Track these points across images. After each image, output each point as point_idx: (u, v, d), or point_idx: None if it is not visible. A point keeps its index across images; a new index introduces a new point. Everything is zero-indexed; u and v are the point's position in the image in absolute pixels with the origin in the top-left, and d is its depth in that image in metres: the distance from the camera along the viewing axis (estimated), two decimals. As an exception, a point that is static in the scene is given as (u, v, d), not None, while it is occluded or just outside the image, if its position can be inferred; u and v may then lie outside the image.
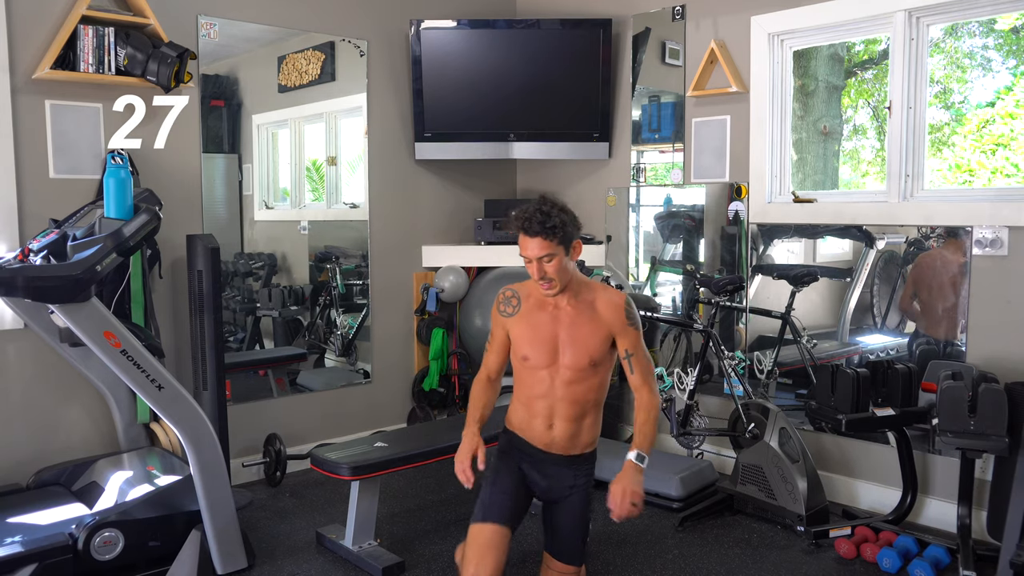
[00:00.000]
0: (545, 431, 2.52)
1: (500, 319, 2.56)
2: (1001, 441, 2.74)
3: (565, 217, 2.38)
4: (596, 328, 2.45)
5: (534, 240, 2.34)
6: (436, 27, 4.37)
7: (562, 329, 2.46)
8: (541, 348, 2.47)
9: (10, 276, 2.39)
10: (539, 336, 2.47)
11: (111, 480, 3.08)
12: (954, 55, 3.51)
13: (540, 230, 2.33)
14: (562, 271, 2.40)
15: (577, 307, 2.46)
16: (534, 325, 2.48)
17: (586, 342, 2.44)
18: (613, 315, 2.45)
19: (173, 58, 3.35)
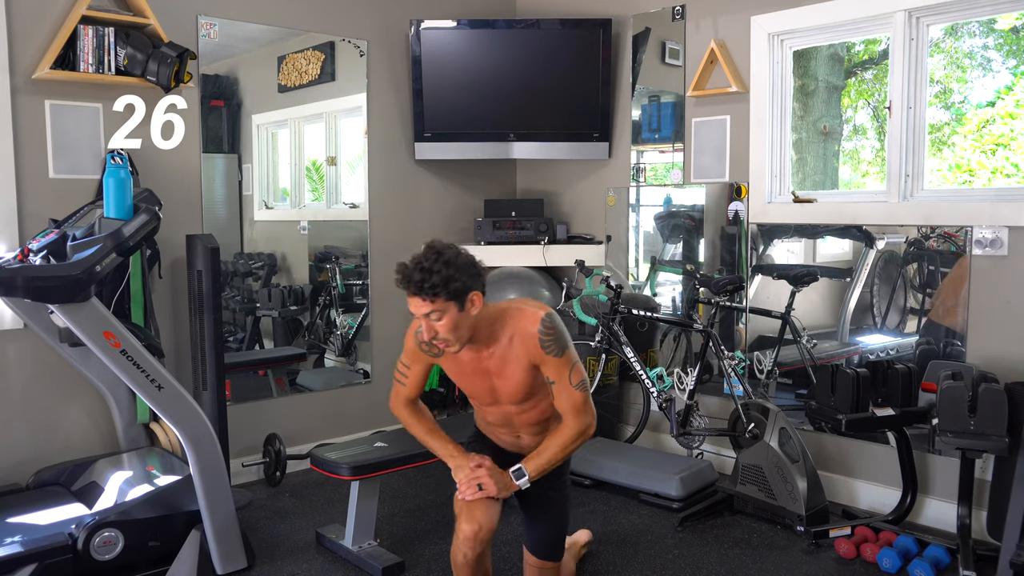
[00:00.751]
0: (513, 441, 2.49)
1: (423, 356, 2.37)
2: (1001, 441, 2.74)
3: (450, 271, 2.10)
4: (519, 364, 2.26)
5: (415, 299, 2.12)
6: (436, 27, 4.37)
7: (492, 372, 2.31)
8: (478, 388, 2.35)
9: (10, 276, 2.39)
10: (472, 381, 2.34)
11: (111, 480, 3.08)
12: (954, 55, 3.51)
13: (417, 290, 2.10)
14: (457, 328, 2.16)
15: (498, 347, 2.27)
16: (463, 369, 2.33)
17: (516, 378, 2.28)
18: (529, 347, 2.24)
19: (173, 58, 3.36)
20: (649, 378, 3.82)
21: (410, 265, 2.13)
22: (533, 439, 2.44)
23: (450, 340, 2.18)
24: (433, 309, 2.11)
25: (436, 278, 2.08)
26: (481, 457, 2.36)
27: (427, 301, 2.10)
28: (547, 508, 2.48)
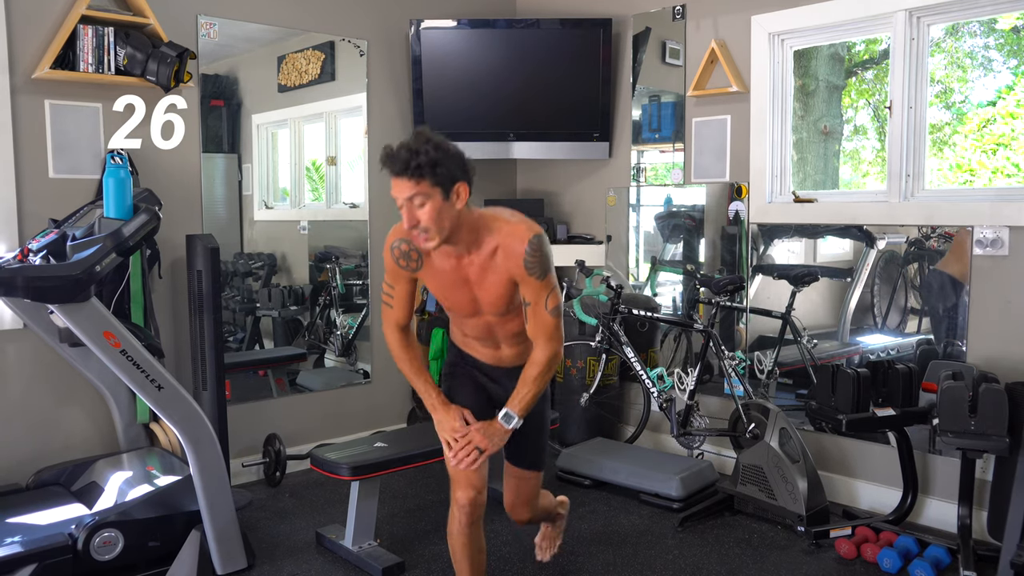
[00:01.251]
0: (492, 352, 2.39)
1: (403, 273, 2.28)
2: (1001, 441, 2.74)
3: (439, 155, 2.01)
4: (500, 277, 2.17)
5: (400, 181, 2.02)
6: (436, 27, 4.37)
7: (472, 281, 2.21)
8: (458, 299, 2.27)
9: (10, 276, 2.39)
10: (453, 291, 2.25)
11: (111, 480, 3.08)
12: (955, 55, 3.50)
13: (402, 168, 2.00)
14: (440, 219, 2.05)
15: (480, 255, 2.17)
16: (444, 281, 2.24)
17: (497, 291, 2.20)
18: (511, 264, 2.15)
19: (173, 58, 3.35)
20: (649, 378, 3.82)
21: (397, 145, 2.04)
22: (512, 349, 2.37)
23: (430, 231, 2.06)
24: (417, 192, 2.02)
25: (423, 158, 1.99)
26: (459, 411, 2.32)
27: (411, 182, 2.01)
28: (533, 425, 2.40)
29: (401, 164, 2.01)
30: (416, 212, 2.05)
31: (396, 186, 2.04)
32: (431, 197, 2.03)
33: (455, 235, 2.13)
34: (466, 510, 2.30)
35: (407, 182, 2.02)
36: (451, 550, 2.42)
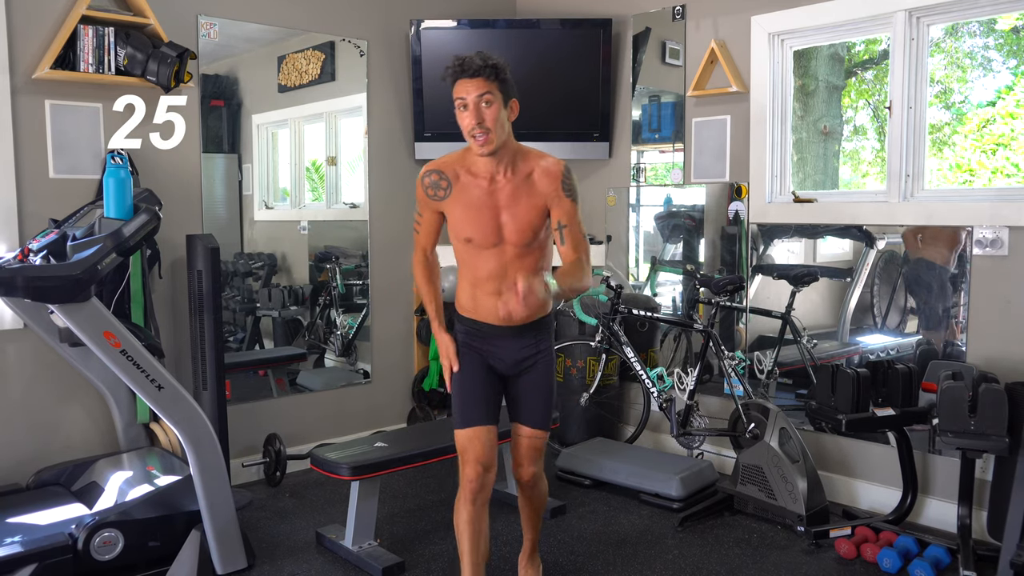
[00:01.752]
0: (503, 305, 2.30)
1: (430, 203, 2.39)
2: (1001, 441, 2.74)
3: (505, 66, 2.26)
4: (534, 200, 2.30)
5: (473, 81, 2.20)
6: (436, 27, 4.37)
7: (501, 205, 2.30)
8: (483, 228, 2.32)
9: (10, 276, 2.39)
10: (479, 216, 2.31)
11: (111, 480, 3.08)
12: (954, 55, 3.51)
13: (479, 68, 2.20)
14: (499, 124, 2.23)
15: (513, 179, 2.30)
16: (471, 205, 2.32)
17: (527, 216, 2.30)
18: (549, 184, 2.29)
19: (173, 58, 3.35)
20: (649, 378, 3.82)
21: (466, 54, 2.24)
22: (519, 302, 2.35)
23: (491, 132, 2.22)
24: (487, 90, 2.20)
25: (496, 63, 2.22)
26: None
27: (484, 81, 2.20)
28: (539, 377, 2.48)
29: (477, 66, 2.21)
30: (483, 111, 2.22)
31: (465, 87, 2.21)
32: (495, 101, 2.23)
33: (502, 148, 2.28)
34: (473, 485, 2.37)
35: (480, 81, 2.21)
36: (456, 531, 2.44)
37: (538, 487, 2.61)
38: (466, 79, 2.21)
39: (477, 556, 2.44)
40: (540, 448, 2.54)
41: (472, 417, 2.43)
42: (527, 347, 2.47)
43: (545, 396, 2.51)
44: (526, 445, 2.52)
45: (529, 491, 2.61)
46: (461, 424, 2.44)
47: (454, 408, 2.48)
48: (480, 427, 2.42)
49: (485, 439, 2.41)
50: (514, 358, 2.47)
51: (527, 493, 2.62)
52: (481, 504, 2.43)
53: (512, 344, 2.46)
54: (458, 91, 2.23)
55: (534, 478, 2.57)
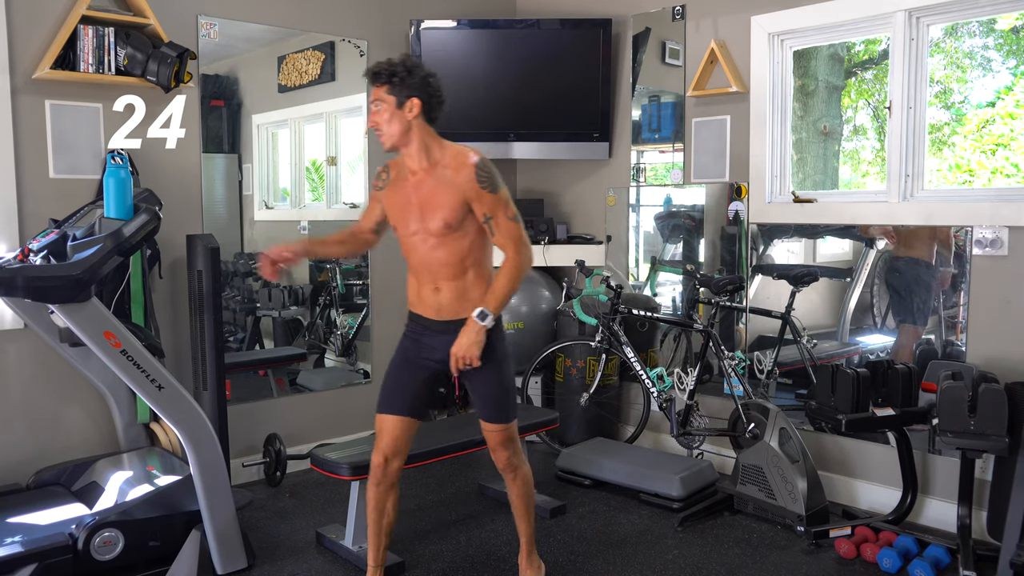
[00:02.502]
0: (433, 296, 2.54)
1: (375, 194, 2.65)
2: (1001, 441, 2.74)
3: (402, 72, 2.39)
4: (448, 193, 2.43)
5: (374, 88, 2.43)
6: (436, 27, 4.37)
7: (419, 196, 2.47)
8: (404, 216, 2.51)
9: (10, 276, 2.39)
10: (401, 205, 2.51)
11: (111, 480, 3.08)
12: (954, 55, 3.51)
13: (374, 76, 2.42)
14: (391, 124, 2.41)
15: (433, 173, 2.46)
16: (398, 195, 2.53)
17: (439, 206, 2.43)
18: (464, 179, 2.41)
19: (173, 58, 3.35)
20: (649, 378, 3.82)
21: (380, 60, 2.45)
22: (450, 291, 2.51)
23: (382, 132, 2.43)
24: (376, 98, 2.42)
25: (385, 69, 2.40)
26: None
27: (377, 88, 2.41)
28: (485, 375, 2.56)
29: (371, 72, 2.43)
30: (376, 114, 2.44)
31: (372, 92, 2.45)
32: (386, 103, 2.41)
33: (406, 145, 2.46)
34: (377, 472, 2.62)
35: (376, 88, 2.43)
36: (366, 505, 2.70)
37: (517, 473, 2.68)
38: (373, 86, 2.45)
39: (379, 529, 2.70)
40: (505, 439, 2.64)
41: (387, 404, 2.61)
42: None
43: (493, 395, 2.59)
44: (488, 437, 2.65)
45: (509, 477, 2.70)
46: (378, 408, 2.64)
47: (381, 389, 2.66)
48: (392, 416, 2.60)
49: (393, 429, 2.59)
50: (445, 355, 2.53)
51: (507, 478, 2.71)
52: (385, 488, 2.65)
53: (443, 340, 2.54)
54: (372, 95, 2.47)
55: (508, 463, 2.66)
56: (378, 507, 2.67)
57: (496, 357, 2.56)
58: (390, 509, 2.70)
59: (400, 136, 2.43)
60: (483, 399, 2.61)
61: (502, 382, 2.60)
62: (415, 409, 2.63)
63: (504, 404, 2.61)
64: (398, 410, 2.60)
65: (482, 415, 2.63)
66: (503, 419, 2.61)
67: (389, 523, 2.72)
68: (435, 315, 2.54)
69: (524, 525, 2.76)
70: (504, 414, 2.61)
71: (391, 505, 2.69)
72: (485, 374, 2.55)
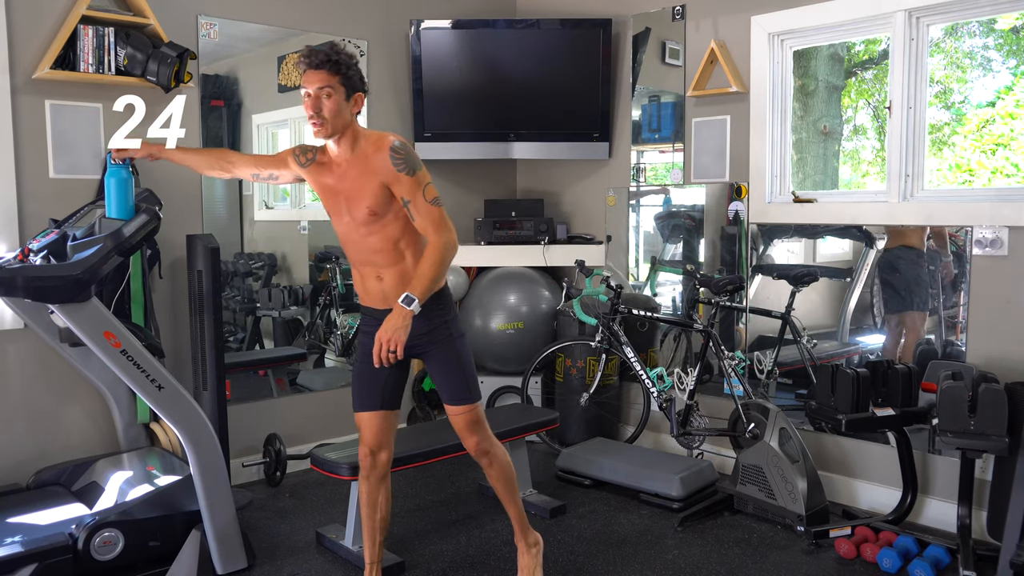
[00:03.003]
0: (377, 285, 2.52)
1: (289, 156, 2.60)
2: (1001, 441, 2.74)
3: (351, 61, 2.38)
4: (369, 179, 2.40)
5: (317, 73, 2.33)
6: (436, 27, 4.37)
7: (342, 184, 2.46)
8: (334, 206, 2.50)
9: (10, 276, 2.39)
10: (330, 194, 2.50)
11: (111, 480, 3.08)
12: (954, 55, 3.51)
13: (322, 61, 2.33)
14: (337, 115, 2.36)
15: (353, 161, 2.44)
16: (324, 185, 2.51)
17: (361, 193, 2.41)
18: (381, 162, 2.38)
19: (173, 58, 3.36)
20: (649, 378, 3.82)
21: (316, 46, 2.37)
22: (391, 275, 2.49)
23: (326, 122, 2.35)
24: (327, 84, 2.33)
25: (341, 58, 2.35)
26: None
27: (327, 75, 2.32)
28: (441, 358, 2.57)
29: (321, 58, 2.33)
30: (322, 102, 2.34)
31: (310, 77, 2.34)
32: (336, 93, 2.35)
33: (342, 137, 2.42)
34: (365, 465, 2.65)
35: (323, 74, 2.33)
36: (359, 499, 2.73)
37: (492, 457, 2.66)
38: (311, 70, 2.34)
39: (373, 524, 2.71)
40: (470, 421, 2.61)
41: (361, 402, 2.63)
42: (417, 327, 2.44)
43: (452, 374, 2.58)
44: (454, 422, 2.64)
45: (484, 462, 2.68)
46: (354, 407, 2.65)
47: (352, 388, 2.66)
48: (367, 412, 2.61)
49: (371, 424, 2.62)
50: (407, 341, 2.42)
51: (482, 464, 2.70)
52: (375, 480, 2.67)
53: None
54: (303, 81, 2.36)
55: (479, 448, 2.64)
56: (370, 500, 2.68)
57: (450, 335, 2.56)
58: (382, 502, 2.70)
59: (342, 128, 2.40)
60: (444, 379, 2.59)
61: (460, 360, 2.58)
62: (388, 400, 2.63)
63: (465, 383, 2.59)
64: (371, 406, 2.61)
65: (445, 397, 2.61)
66: (466, 399, 2.58)
67: (383, 518, 2.72)
68: (383, 304, 2.51)
69: (512, 507, 2.76)
70: (467, 394, 2.59)
71: (383, 498, 2.70)
72: (441, 354, 2.56)
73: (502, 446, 2.73)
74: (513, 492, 2.74)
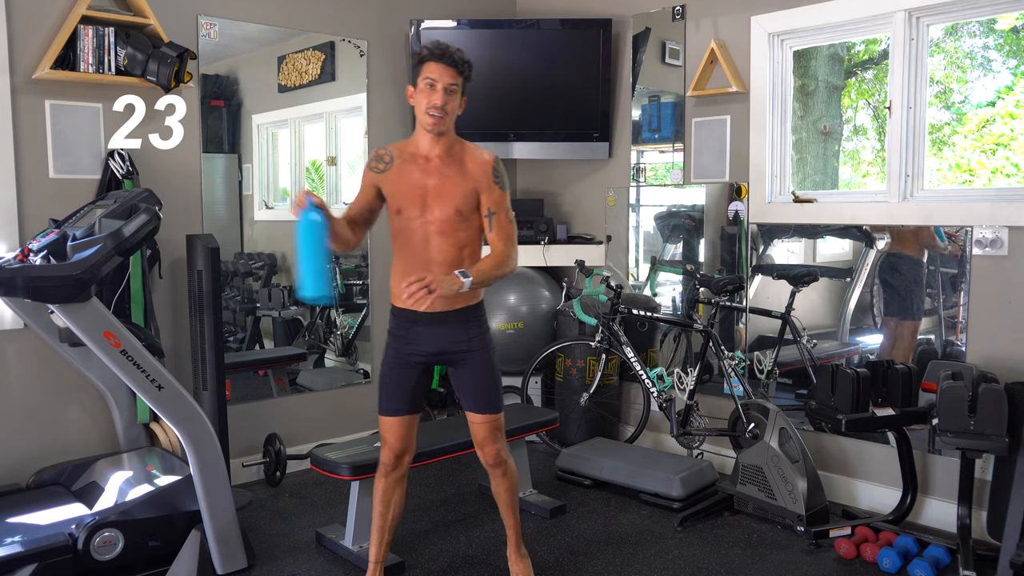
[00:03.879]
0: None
1: (371, 175, 2.60)
2: (1001, 441, 2.74)
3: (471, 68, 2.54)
4: (462, 182, 2.51)
5: (449, 69, 2.45)
6: (436, 27, 4.37)
7: (431, 181, 2.52)
8: (412, 198, 2.52)
9: (10, 276, 2.39)
10: (410, 188, 2.52)
11: (111, 480, 3.08)
12: (954, 55, 3.51)
13: (457, 60, 2.46)
14: (454, 112, 2.51)
15: (447, 161, 2.53)
16: (404, 178, 2.54)
17: (452, 194, 2.50)
18: (479, 171, 2.52)
19: (173, 58, 3.35)
20: (649, 378, 3.82)
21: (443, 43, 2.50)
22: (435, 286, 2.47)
23: (447, 116, 2.49)
24: (455, 82, 2.47)
25: (468, 62, 2.50)
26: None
27: (457, 73, 2.46)
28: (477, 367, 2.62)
29: (457, 57, 2.47)
30: (448, 97, 2.47)
31: (440, 71, 2.46)
32: (458, 92, 2.51)
33: (445, 135, 2.53)
34: (387, 466, 2.68)
35: (454, 72, 2.47)
36: (373, 497, 2.73)
37: (505, 466, 2.72)
38: (444, 65, 2.45)
39: (384, 523, 2.73)
40: (493, 430, 2.67)
41: (389, 407, 2.64)
42: (451, 337, 2.57)
43: (483, 384, 2.64)
44: (477, 430, 2.68)
45: (498, 472, 2.72)
46: (380, 411, 2.66)
47: (379, 392, 2.67)
48: (394, 417, 2.63)
49: (397, 428, 2.64)
50: (437, 347, 2.59)
51: (495, 474, 2.73)
52: (394, 480, 2.70)
53: (434, 332, 2.58)
54: (431, 71, 2.46)
55: (497, 457, 2.69)
56: (385, 499, 2.70)
57: (485, 346, 2.63)
58: (396, 502, 2.72)
59: (450, 125, 2.53)
60: (475, 388, 2.63)
61: (492, 370, 2.65)
62: (414, 405, 2.67)
63: (495, 393, 2.66)
64: (399, 410, 2.63)
65: (472, 406, 2.65)
66: (493, 408, 2.65)
67: (394, 517, 2.74)
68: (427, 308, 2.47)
69: (514, 519, 2.80)
70: (495, 403, 2.65)
71: (398, 498, 2.72)
72: (476, 363, 2.61)
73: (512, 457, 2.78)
74: (517, 502, 2.80)
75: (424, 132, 2.53)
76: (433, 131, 2.50)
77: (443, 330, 2.57)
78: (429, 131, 2.51)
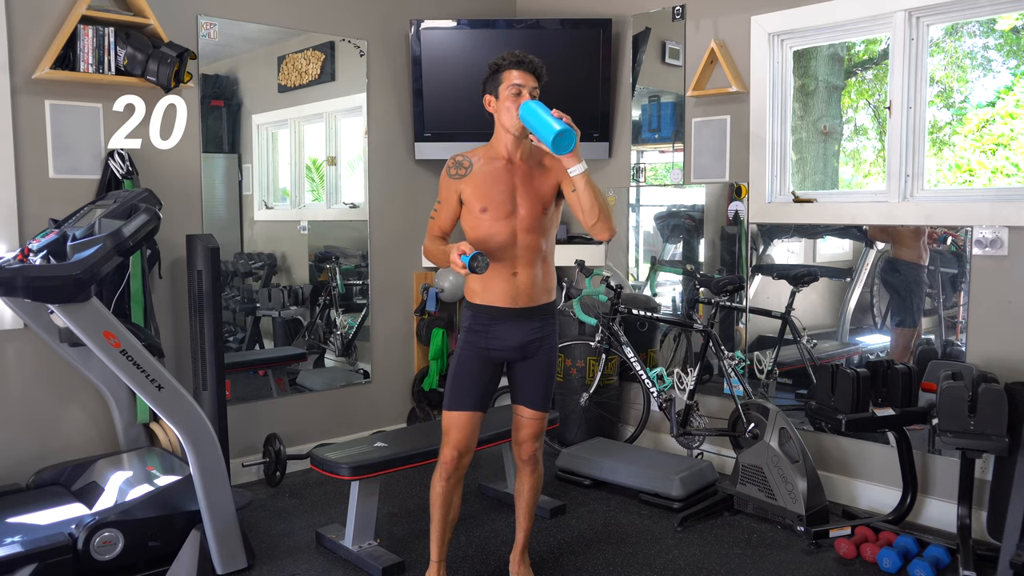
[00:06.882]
0: (509, 282, 2.58)
1: (451, 183, 2.62)
2: (1001, 441, 2.74)
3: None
4: (546, 177, 2.61)
5: (531, 76, 2.56)
6: (436, 27, 4.37)
7: (518, 180, 2.59)
8: (498, 198, 2.57)
9: (10, 276, 2.39)
10: (496, 188, 2.58)
11: (111, 480, 3.08)
12: (954, 55, 3.51)
13: (537, 67, 2.57)
14: None
15: (529, 161, 2.62)
16: (490, 179, 2.59)
17: (539, 190, 2.60)
18: (555, 163, 2.59)
19: (173, 58, 3.35)
20: (649, 378, 3.82)
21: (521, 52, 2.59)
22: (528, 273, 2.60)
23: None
24: (536, 86, 2.57)
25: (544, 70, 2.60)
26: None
27: (535, 79, 2.57)
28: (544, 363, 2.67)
29: (537, 64, 2.58)
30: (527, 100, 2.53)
31: (524, 77, 2.56)
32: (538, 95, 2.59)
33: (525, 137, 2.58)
34: (448, 467, 2.62)
35: (534, 78, 2.57)
36: (431, 500, 2.68)
37: (538, 468, 2.77)
38: (526, 72, 2.55)
39: (445, 524, 2.70)
40: (542, 428, 2.73)
41: (461, 402, 2.61)
42: (533, 332, 2.63)
43: (547, 380, 2.70)
44: (528, 425, 2.70)
45: (530, 470, 2.76)
46: (449, 406, 2.63)
47: (447, 388, 2.65)
48: (466, 412, 2.61)
49: (467, 425, 2.61)
50: (519, 341, 2.61)
51: (526, 471, 2.76)
52: (455, 482, 2.66)
53: (518, 327, 2.61)
54: (516, 78, 2.54)
55: (536, 455, 2.74)
56: (446, 501, 2.68)
57: (553, 345, 2.70)
58: (456, 503, 2.71)
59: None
60: (537, 383, 2.68)
61: (553, 368, 2.72)
62: (484, 402, 2.66)
63: (551, 390, 2.73)
64: (470, 407, 2.62)
65: (530, 402, 2.68)
66: (547, 407, 2.72)
67: (455, 517, 2.73)
68: (510, 303, 2.58)
69: (528, 522, 2.83)
70: (550, 401, 2.73)
71: (457, 498, 2.71)
72: (543, 359, 2.66)
73: None
74: (535, 505, 2.84)
75: (507, 135, 2.58)
76: (523, 135, 2.57)
77: (528, 325, 2.61)
78: (518, 135, 2.57)
